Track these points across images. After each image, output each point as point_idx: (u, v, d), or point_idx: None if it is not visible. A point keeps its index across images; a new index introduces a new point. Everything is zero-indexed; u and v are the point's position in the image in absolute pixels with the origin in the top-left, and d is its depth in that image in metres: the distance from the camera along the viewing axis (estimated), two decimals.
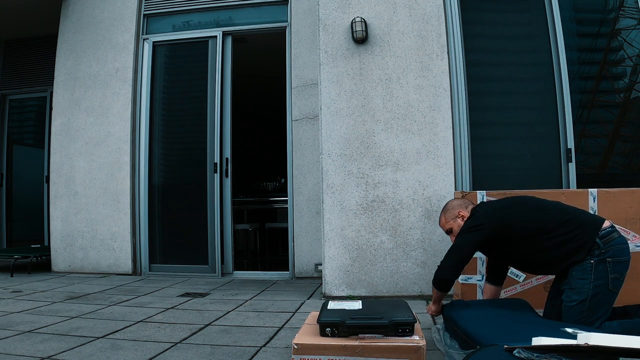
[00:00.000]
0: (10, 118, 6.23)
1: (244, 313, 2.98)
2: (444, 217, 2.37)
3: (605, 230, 1.99)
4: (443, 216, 2.37)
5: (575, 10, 3.66)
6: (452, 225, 2.31)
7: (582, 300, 1.95)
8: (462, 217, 2.29)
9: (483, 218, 2.15)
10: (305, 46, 4.46)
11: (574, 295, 1.97)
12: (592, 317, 1.94)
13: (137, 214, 4.68)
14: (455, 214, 2.31)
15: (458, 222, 2.29)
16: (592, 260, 1.95)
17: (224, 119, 4.62)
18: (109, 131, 4.72)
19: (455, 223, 2.30)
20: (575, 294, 1.97)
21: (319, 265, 4.08)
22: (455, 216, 2.31)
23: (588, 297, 1.94)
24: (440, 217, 2.41)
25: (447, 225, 2.34)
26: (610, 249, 1.96)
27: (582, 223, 2.04)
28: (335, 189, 3.46)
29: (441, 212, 2.41)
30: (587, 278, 1.95)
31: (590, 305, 1.94)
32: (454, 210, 2.32)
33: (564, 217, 2.06)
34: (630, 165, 3.69)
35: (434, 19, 3.51)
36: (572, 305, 1.97)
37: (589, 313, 1.94)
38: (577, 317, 1.95)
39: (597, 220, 2.05)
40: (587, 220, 2.06)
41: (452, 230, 2.32)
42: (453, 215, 2.32)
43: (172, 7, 4.85)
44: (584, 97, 3.61)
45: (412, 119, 3.44)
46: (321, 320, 1.85)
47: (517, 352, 1.37)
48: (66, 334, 2.44)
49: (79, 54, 4.88)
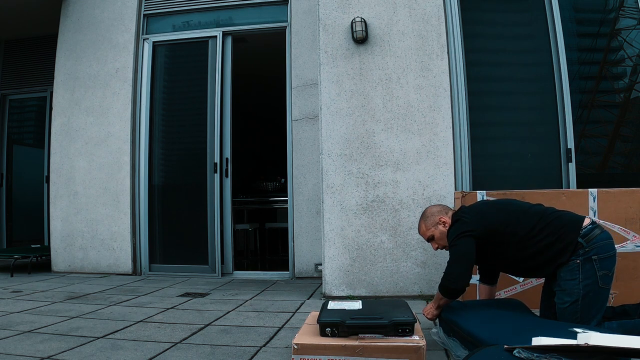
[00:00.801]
0: (10, 118, 6.23)
1: (244, 313, 2.98)
2: (424, 224, 2.30)
3: (587, 229, 1.98)
4: (423, 223, 2.31)
5: (575, 10, 3.66)
6: (434, 232, 2.26)
7: (574, 301, 1.94)
8: (444, 224, 2.24)
9: (471, 224, 2.11)
10: (305, 46, 4.46)
11: (566, 297, 1.96)
12: (587, 316, 1.93)
13: (137, 214, 4.68)
14: (436, 221, 2.26)
15: (440, 228, 2.24)
16: (577, 260, 1.95)
17: (224, 119, 4.62)
18: (109, 131, 4.72)
19: (436, 230, 2.25)
20: (567, 295, 1.96)
21: (319, 265, 4.08)
22: (437, 223, 2.26)
23: (579, 297, 1.93)
24: (420, 224, 2.34)
25: (428, 232, 2.28)
26: (594, 246, 1.94)
27: (564, 223, 2.02)
28: (335, 189, 3.46)
29: (420, 220, 2.34)
30: (575, 278, 1.94)
31: (583, 305, 1.93)
32: (434, 217, 2.27)
33: (545, 220, 2.04)
34: (630, 165, 3.69)
35: (434, 19, 3.51)
36: (565, 307, 1.96)
37: (583, 313, 1.93)
38: (572, 318, 1.94)
39: (577, 220, 2.03)
40: (568, 220, 2.04)
41: (433, 237, 2.27)
42: (434, 222, 2.26)
43: (172, 7, 4.85)
44: (584, 97, 3.61)
45: (412, 119, 3.44)
46: (321, 320, 1.85)
47: (517, 352, 1.37)
48: (66, 334, 2.44)
49: (79, 54, 4.88)
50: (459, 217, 2.20)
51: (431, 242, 2.32)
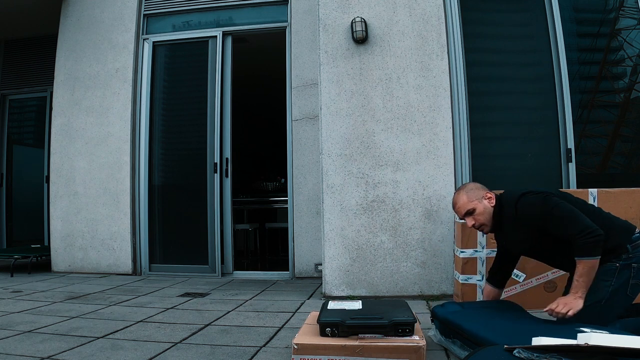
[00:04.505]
0: (10, 118, 6.22)
1: (244, 313, 2.98)
2: (465, 196, 2.18)
3: (636, 235, 1.96)
4: (465, 195, 2.19)
5: (575, 10, 3.66)
6: (476, 206, 2.16)
7: (597, 301, 1.89)
8: (490, 199, 2.16)
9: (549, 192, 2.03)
10: (305, 46, 4.46)
11: (590, 296, 1.89)
12: (604, 320, 1.88)
13: (137, 214, 4.68)
14: (481, 195, 2.18)
15: (484, 203, 2.16)
16: (617, 264, 1.90)
17: (224, 119, 4.62)
18: (109, 131, 4.72)
19: (480, 204, 2.16)
20: (592, 294, 1.89)
21: (319, 265, 4.08)
22: (482, 197, 2.17)
23: (604, 299, 1.89)
24: (459, 197, 2.21)
25: (470, 205, 2.16)
26: (638, 254, 1.92)
27: (618, 225, 2.00)
28: (335, 189, 3.46)
29: (460, 192, 2.23)
30: (608, 280, 1.90)
31: (603, 308, 1.89)
32: (478, 191, 2.19)
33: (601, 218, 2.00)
34: (630, 165, 3.69)
35: (434, 19, 3.51)
36: (585, 305, 1.89)
37: (600, 315, 1.89)
38: (587, 318, 1.88)
39: (630, 226, 2.00)
40: (622, 224, 2.02)
41: (474, 211, 2.16)
42: (478, 195, 2.18)
43: (172, 7, 4.85)
44: (584, 97, 3.62)
45: (412, 119, 3.44)
46: (321, 320, 1.85)
47: (517, 352, 1.37)
48: (66, 334, 2.44)
49: (79, 54, 4.88)
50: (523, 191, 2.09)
51: (467, 217, 2.20)
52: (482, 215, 2.17)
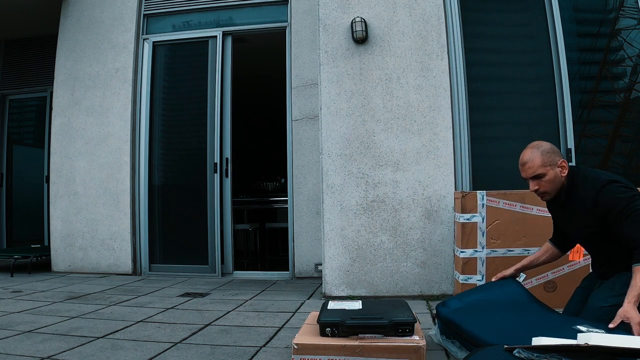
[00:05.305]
0: (10, 118, 6.22)
1: (244, 313, 2.98)
2: (541, 158, 1.99)
3: None
4: (540, 157, 1.99)
5: (575, 10, 3.66)
6: (548, 172, 1.98)
7: (616, 304, 1.75)
8: (563, 168, 2.00)
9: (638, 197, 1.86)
10: (305, 46, 4.46)
11: (611, 299, 1.81)
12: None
13: (137, 214, 4.68)
14: (556, 161, 1.99)
15: (557, 171, 1.99)
16: None
17: (224, 119, 4.61)
18: (109, 131, 4.72)
19: (553, 171, 1.98)
20: (613, 297, 1.81)
21: (319, 265, 4.08)
22: (556, 164, 1.99)
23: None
24: (533, 155, 2.01)
25: (543, 169, 1.98)
26: None
27: None
28: (335, 189, 3.46)
29: (534, 151, 2.02)
30: None
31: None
32: (554, 156, 2.00)
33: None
34: (630, 165, 3.69)
35: (434, 19, 3.51)
36: (603, 306, 1.82)
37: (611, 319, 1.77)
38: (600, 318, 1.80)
39: None
40: None
41: (543, 176, 1.99)
42: (553, 161, 1.99)
43: (172, 7, 4.85)
44: (584, 97, 3.61)
45: (412, 119, 3.44)
46: (321, 320, 1.85)
47: (517, 352, 1.37)
48: (66, 334, 2.44)
49: (79, 54, 4.88)
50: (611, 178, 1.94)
51: (532, 181, 2.04)
52: (550, 184, 2.02)
